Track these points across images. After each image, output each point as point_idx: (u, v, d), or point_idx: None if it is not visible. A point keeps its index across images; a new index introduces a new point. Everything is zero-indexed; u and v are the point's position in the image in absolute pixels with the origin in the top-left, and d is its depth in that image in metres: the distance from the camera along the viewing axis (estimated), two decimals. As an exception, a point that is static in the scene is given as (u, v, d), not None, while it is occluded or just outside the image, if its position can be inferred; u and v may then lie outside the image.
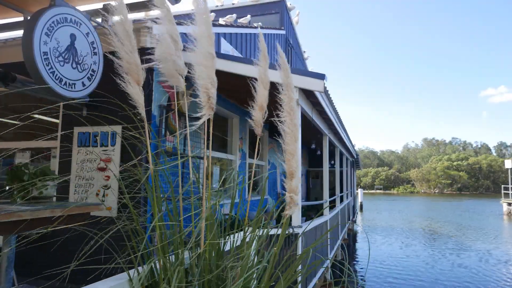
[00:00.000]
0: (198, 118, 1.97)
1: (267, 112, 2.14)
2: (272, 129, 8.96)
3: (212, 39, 2.04)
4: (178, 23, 2.27)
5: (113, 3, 1.94)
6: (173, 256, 1.91)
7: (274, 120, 1.92)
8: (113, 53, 1.98)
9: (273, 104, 2.01)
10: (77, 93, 3.57)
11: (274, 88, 2.05)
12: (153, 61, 2.07)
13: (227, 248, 2.10)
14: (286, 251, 2.09)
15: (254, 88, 2.13)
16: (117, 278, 1.85)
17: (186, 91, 2.15)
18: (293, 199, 1.80)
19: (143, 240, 1.88)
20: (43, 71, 3.13)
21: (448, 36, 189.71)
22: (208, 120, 2.04)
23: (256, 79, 2.15)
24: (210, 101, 1.99)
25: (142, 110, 1.95)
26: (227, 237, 2.10)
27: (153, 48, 2.08)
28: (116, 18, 1.91)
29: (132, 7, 3.96)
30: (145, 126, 1.95)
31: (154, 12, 2.15)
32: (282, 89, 1.94)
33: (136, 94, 1.93)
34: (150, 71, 4.17)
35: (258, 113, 2.10)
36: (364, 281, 8.88)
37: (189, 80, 2.12)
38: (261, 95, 2.11)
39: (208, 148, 2.07)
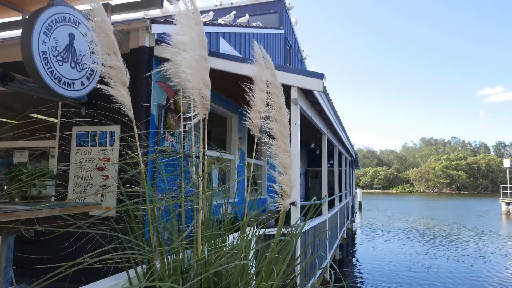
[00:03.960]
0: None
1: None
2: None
3: (204, 42, 2.02)
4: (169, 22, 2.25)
5: (111, 3, 1.93)
6: (171, 256, 1.91)
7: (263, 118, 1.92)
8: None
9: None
10: (76, 93, 3.56)
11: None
12: (153, 60, 2.06)
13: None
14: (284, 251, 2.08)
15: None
16: (116, 277, 1.85)
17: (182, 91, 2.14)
18: (285, 190, 1.81)
19: (141, 240, 1.88)
20: (42, 70, 3.13)
21: (446, 34, 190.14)
22: (203, 119, 2.03)
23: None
24: (203, 101, 1.98)
25: (129, 111, 1.89)
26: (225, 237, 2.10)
27: (152, 47, 2.07)
28: (94, 21, 1.86)
29: (130, 7, 3.96)
30: (134, 127, 1.92)
31: (154, 12, 2.13)
32: (270, 87, 1.95)
33: (121, 96, 1.87)
34: (149, 71, 4.16)
35: (254, 115, 2.08)
36: (364, 281, 8.89)
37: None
38: (257, 96, 2.09)
39: (204, 147, 2.06)
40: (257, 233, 2.01)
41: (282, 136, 1.86)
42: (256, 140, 2.24)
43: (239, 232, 2.01)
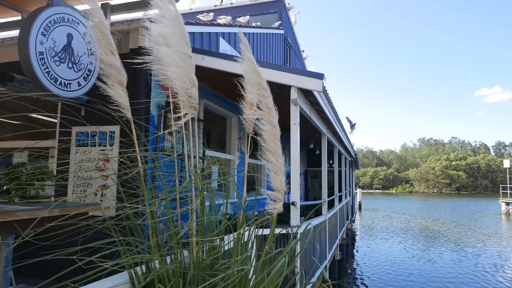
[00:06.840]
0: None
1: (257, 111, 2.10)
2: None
3: (187, 39, 2.01)
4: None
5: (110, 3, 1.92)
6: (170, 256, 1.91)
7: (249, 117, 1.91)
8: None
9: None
10: (72, 93, 3.56)
11: (273, 87, 2.03)
12: (151, 61, 2.06)
13: (225, 248, 2.10)
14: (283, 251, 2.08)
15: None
16: (116, 277, 1.84)
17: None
18: (278, 197, 1.83)
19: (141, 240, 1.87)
20: (38, 70, 3.12)
21: (446, 34, 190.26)
22: (193, 119, 2.02)
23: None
24: (191, 100, 1.97)
25: (127, 112, 1.87)
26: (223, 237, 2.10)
27: (151, 48, 2.06)
28: (92, 21, 1.86)
29: (130, 7, 3.96)
30: (132, 127, 1.91)
31: (153, 11, 2.12)
32: (258, 88, 1.96)
33: (119, 96, 1.84)
34: (149, 70, 4.15)
35: (248, 111, 2.08)
36: (363, 282, 8.89)
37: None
38: (250, 93, 2.08)
39: (196, 147, 2.05)
40: (252, 235, 2.01)
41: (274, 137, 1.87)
42: (249, 138, 2.24)
43: (234, 233, 2.01)
